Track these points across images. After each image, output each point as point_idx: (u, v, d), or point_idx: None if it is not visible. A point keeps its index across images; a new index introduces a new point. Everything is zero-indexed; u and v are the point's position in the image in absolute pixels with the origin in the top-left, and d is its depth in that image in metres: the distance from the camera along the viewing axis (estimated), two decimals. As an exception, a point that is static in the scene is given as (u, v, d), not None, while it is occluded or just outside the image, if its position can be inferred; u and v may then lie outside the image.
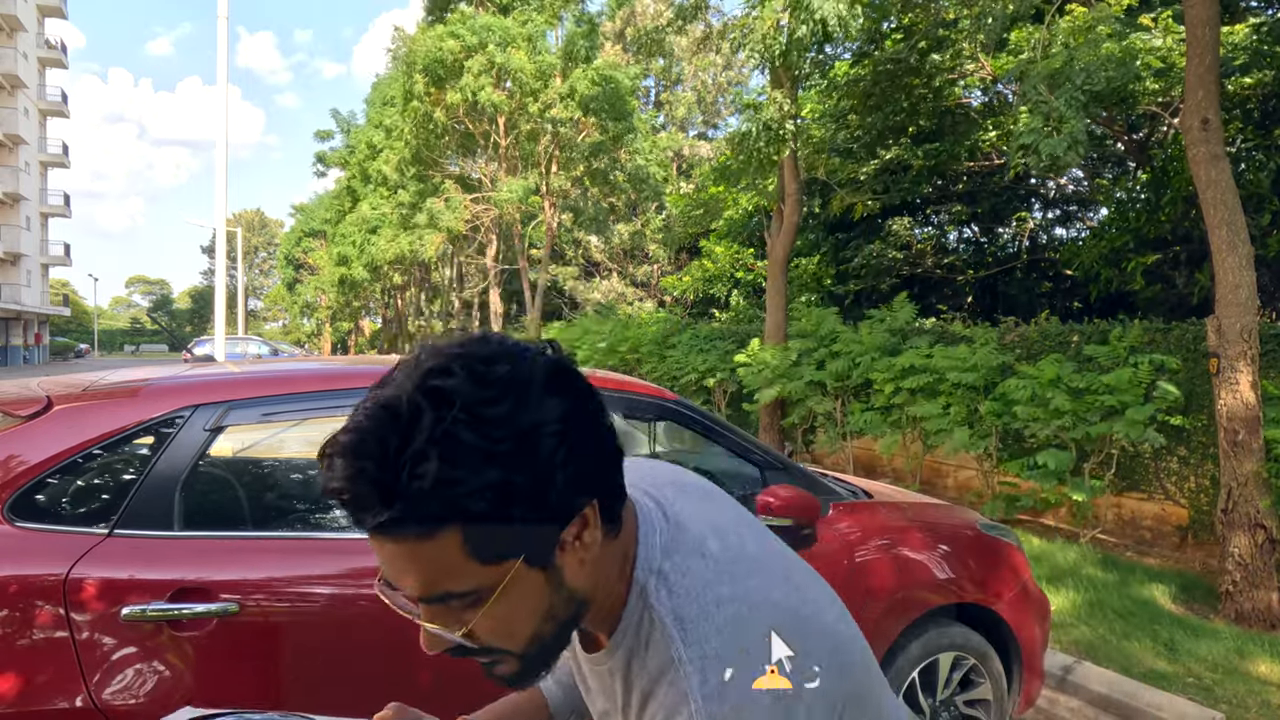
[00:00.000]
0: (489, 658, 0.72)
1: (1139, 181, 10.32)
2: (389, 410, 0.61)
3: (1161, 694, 3.41)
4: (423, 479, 0.59)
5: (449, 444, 0.60)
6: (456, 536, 0.62)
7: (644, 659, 0.74)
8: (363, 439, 0.61)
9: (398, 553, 0.63)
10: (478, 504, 0.61)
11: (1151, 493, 6.32)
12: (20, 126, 41.79)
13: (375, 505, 0.60)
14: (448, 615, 0.67)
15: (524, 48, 18.14)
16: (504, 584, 0.66)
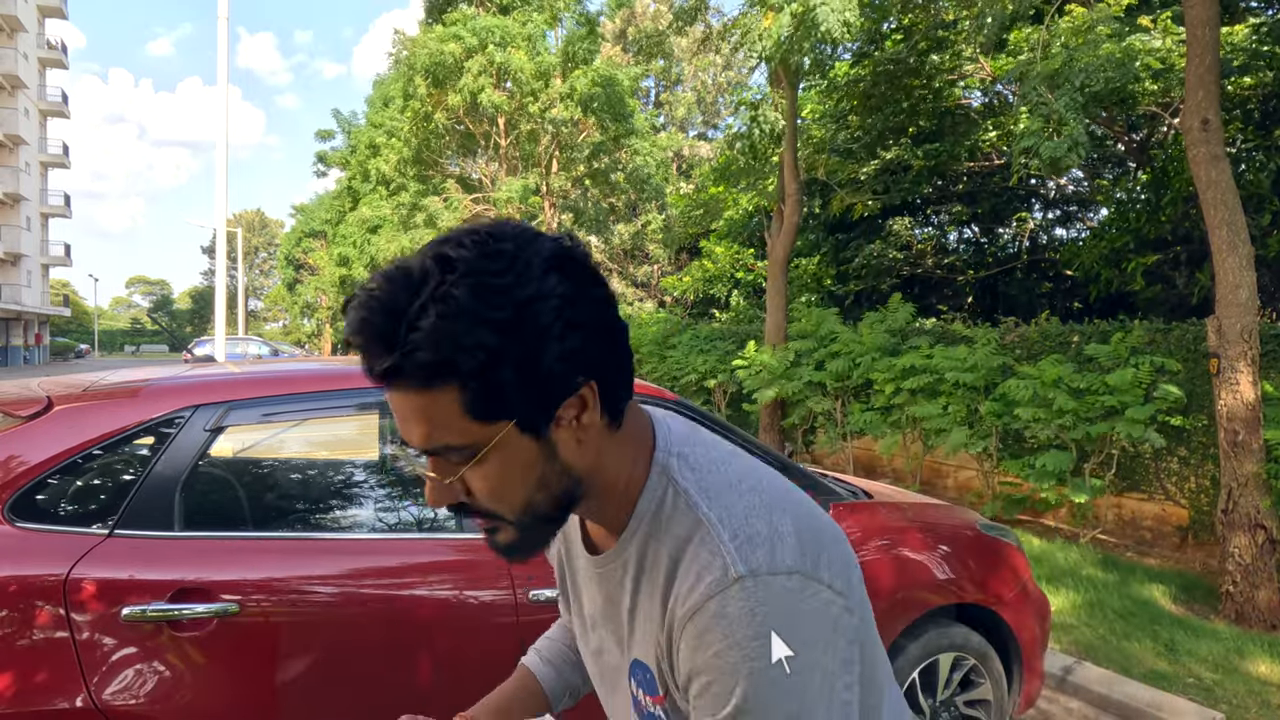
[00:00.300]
0: (488, 521, 0.75)
1: (1139, 182, 10.32)
2: (401, 271, 0.67)
3: (1161, 694, 3.41)
4: (419, 332, 0.64)
5: (447, 303, 0.64)
6: (453, 392, 0.66)
7: (667, 532, 0.75)
8: (374, 295, 0.66)
9: (402, 403, 0.68)
10: (471, 362, 0.65)
11: (1152, 493, 6.32)
12: (20, 127, 41.81)
13: (380, 353, 0.65)
14: (449, 470, 0.71)
15: (524, 48, 18.13)
16: (494, 443, 0.69)
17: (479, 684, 2.01)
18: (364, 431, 3.56)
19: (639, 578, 0.77)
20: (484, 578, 2.04)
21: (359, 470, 3.11)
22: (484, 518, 0.74)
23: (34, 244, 45.60)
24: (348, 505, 2.64)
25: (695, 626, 0.68)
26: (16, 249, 42.10)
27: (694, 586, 0.69)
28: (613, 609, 0.82)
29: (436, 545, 2.15)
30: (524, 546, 0.76)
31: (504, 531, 0.75)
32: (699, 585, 0.69)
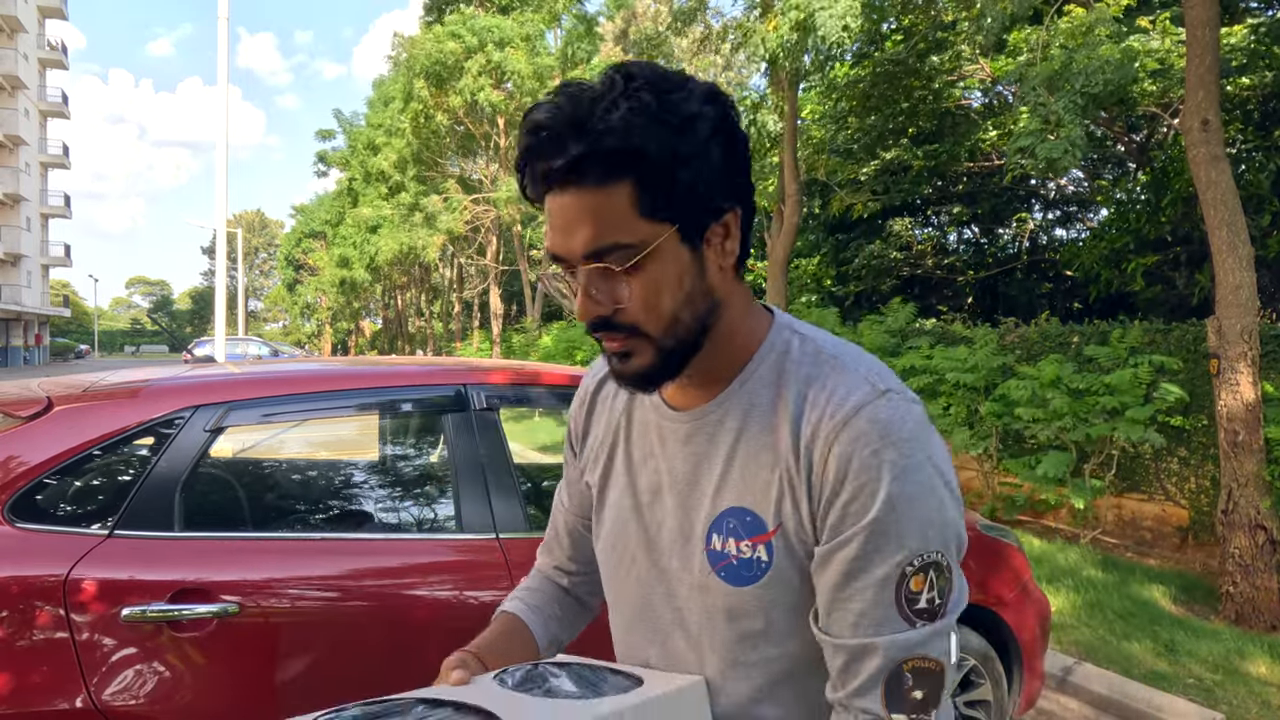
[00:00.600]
0: (627, 341, 0.76)
1: (1139, 183, 10.32)
2: (585, 84, 0.74)
3: (1162, 695, 3.41)
4: (609, 119, 0.69)
5: (634, 101, 0.70)
6: (627, 188, 0.71)
7: (793, 373, 0.80)
8: (566, 95, 0.72)
9: (572, 204, 0.72)
10: (651, 156, 0.71)
11: (1152, 493, 6.32)
12: (20, 127, 41.82)
13: (568, 141, 0.70)
14: (606, 280, 0.74)
15: (522, 48, 18.13)
16: (657, 244, 0.73)
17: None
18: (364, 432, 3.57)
19: (747, 420, 0.80)
20: (484, 578, 2.04)
21: (359, 471, 3.11)
22: (627, 335, 0.76)
23: (34, 244, 45.60)
24: (348, 506, 2.64)
25: (850, 431, 0.73)
26: (16, 249, 42.10)
27: (841, 402, 0.75)
28: (696, 465, 0.83)
29: (436, 546, 2.15)
30: (657, 373, 0.78)
31: (641, 355, 0.77)
32: (848, 400, 0.75)
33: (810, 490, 0.75)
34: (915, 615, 0.73)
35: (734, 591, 0.80)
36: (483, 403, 2.28)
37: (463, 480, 2.17)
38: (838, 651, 0.75)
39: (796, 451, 0.76)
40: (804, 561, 0.77)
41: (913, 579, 0.72)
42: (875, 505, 0.72)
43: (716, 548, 0.81)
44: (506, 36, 18.03)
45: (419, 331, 36.09)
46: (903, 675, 0.72)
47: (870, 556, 0.72)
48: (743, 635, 0.81)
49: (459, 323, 29.99)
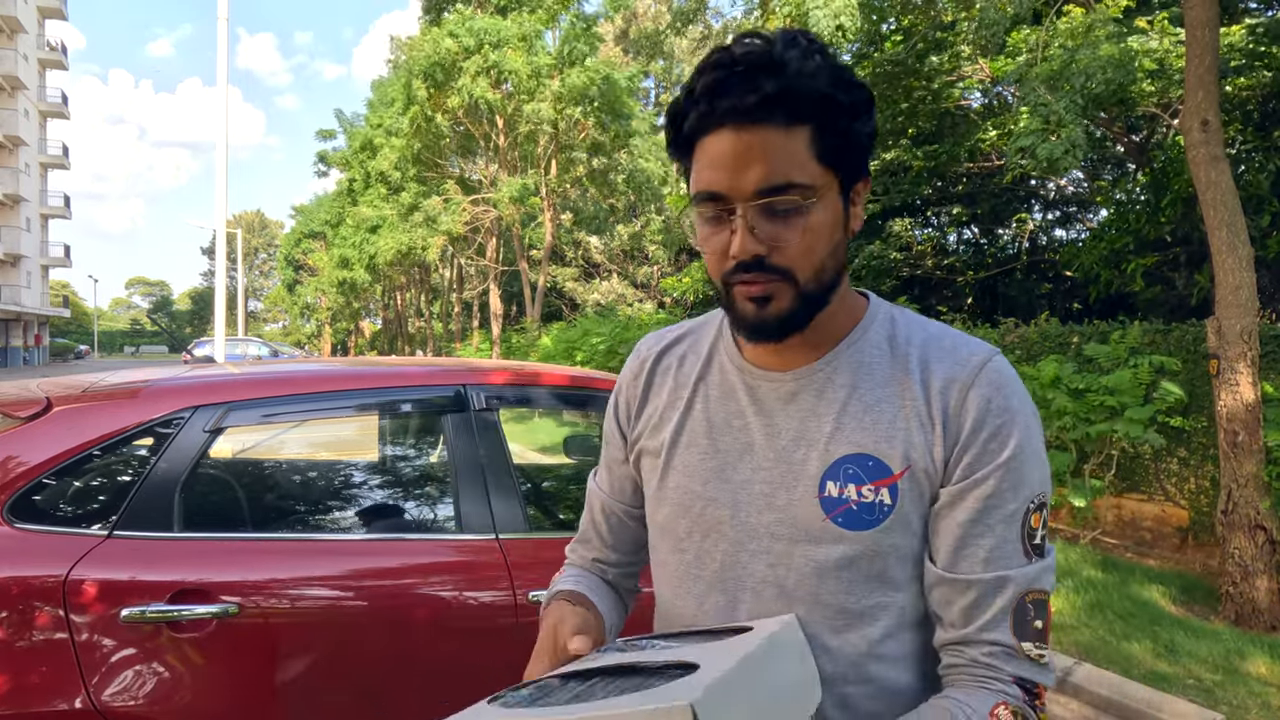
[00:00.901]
0: (771, 284, 0.79)
1: (1139, 183, 10.32)
2: (770, 33, 0.78)
3: (1162, 695, 3.41)
4: (805, 64, 0.74)
5: (823, 56, 0.76)
6: (807, 132, 0.75)
7: (903, 337, 0.86)
8: (757, 39, 0.76)
9: (754, 142, 0.75)
10: (837, 103, 0.76)
11: (1152, 494, 6.32)
12: (20, 128, 41.82)
13: (762, 79, 0.74)
14: (770, 219, 0.77)
15: (519, 47, 18.13)
16: (823, 189, 0.78)
17: (479, 685, 2.02)
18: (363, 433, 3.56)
19: (861, 376, 0.85)
20: (483, 579, 2.04)
21: (358, 471, 3.11)
22: (774, 278, 0.78)
23: (34, 245, 45.59)
24: (347, 506, 2.64)
25: (985, 378, 0.81)
26: (16, 250, 42.09)
27: (969, 356, 0.83)
28: (803, 420, 0.85)
29: (436, 546, 2.15)
30: (793, 319, 0.81)
31: (780, 300, 0.79)
32: (974, 354, 0.83)
33: (946, 431, 0.81)
34: (1033, 550, 0.80)
35: (853, 536, 0.81)
36: (482, 403, 2.28)
37: (462, 481, 2.16)
38: (967, 588, 0.79)
39: (928, 399, 0.82)
40: (925, 505, 0.82)
41: (1032, 516, 0.80)
42: (1010, 445, 0.79)
43: (833, 494, 0.82)
44: (504, 37, 18.04)
45: (419, 332, 36.09)
46: (1025, 607, 0.78)
47: (1004, 494, 0.79)
48: (854, 583, 0.82)
49: (459, 323, 29.99)
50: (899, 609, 0.83)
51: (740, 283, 0.79)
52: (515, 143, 20.54)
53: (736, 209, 0.76)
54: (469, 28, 17.99)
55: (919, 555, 0.83)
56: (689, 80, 0.79)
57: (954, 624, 0.81)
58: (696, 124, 0.77)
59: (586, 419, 3.88)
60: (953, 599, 0.80)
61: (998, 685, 0.78)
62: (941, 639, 0.82)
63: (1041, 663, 0.79)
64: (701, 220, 0.81)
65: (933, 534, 0.82)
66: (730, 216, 0.77)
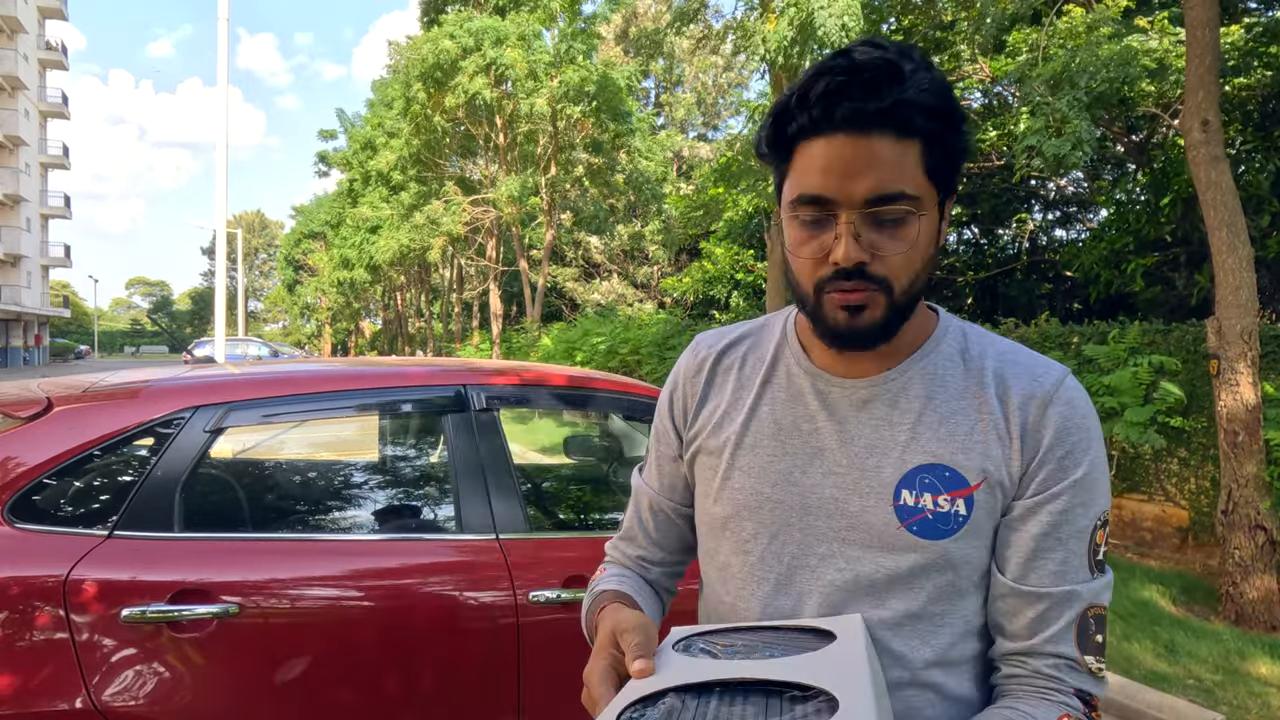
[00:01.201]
0: (868, 294, 0.79)
1: (1139, 183, 10.32)
2: (886, 41, 0.78)
3: (1162, 695, 3.41)
4: (923, 78, 0.74)
5: (934, 71, 0.76)
6: (917, 146, 0.76)
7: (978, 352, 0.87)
8: (875, 47, 0.76)
9: (868, 150, 0.75)
10: (949, 118, 0.76)
11: (1152, 494, 6.32)
12: (20, 128, 41.82)
13: (885, 87, 0.74)
14: (875, 228, 0.77)
15: (518, 45, 18.12)
16: (927, 203, 0.78)
17: (479, 685, 2.02)
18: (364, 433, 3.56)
19: (935, 388, 0.85)
20: (484, 579, 2.04)
21: (359, 472, 3.11)
22: (873, 286, 0.79)
23: (34, 245, 45.60)
24: (348, 506, 2.64)
25: (1063, 397, 0.82)
26: (16, 250, 42.09)
27: (1045, 374, 0.84)
28: (876, 428, 0.86)
29: (436, 546, 2.15)
30: (884, 329, 0.81)
31: (874, 309, 0.80)
32: (1050, 373, 0.84)
33: (1024, 446, 0.82)
34: (1096, 566, 0.82)
35: (927, 545, 0.82)
36: (482, 403, 2.28)
37: (463, 481, 2.16)
38: (1036, 600, 0.81)
39: (1006, 413, 0.83)
40: (997, 517, 0.83)
41: (1098, 532, 0.82)
42: (1084, 463, 0.81)
43: (908, 503, 0.83)
44: (503, 36, 18.04)
45: (419, 332, 36.08)
46: (1088, 621, 0.81)
47: (1075, 510, 0.81)
48: (924, 591, 0.83)
49: (459, 323, 29.99)
50: (964, 618, 0.84)
51: (836, 290, 0.79)
52: (515, 142, 20.53)
53: (841, 215, 0.77)
54: (468, 28, 18.00)
55: (987, 566, 0.84)
56: (800, 82, 0.78)
57: (1018, 635, 0.82)
58: (807, 126, 0.77)
59: (586, 419, 3.88)
60: (1020, 610, 0.82)
61: (1059, 697, 0.80)
62: (1004, 649, 0.83)
63: (1099, 675, 0.81)
64: (798, 224, 0.80)
65: (1003, 545, 0.83)
66: (833, 222, 0.77)
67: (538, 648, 2.03)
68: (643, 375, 12.77)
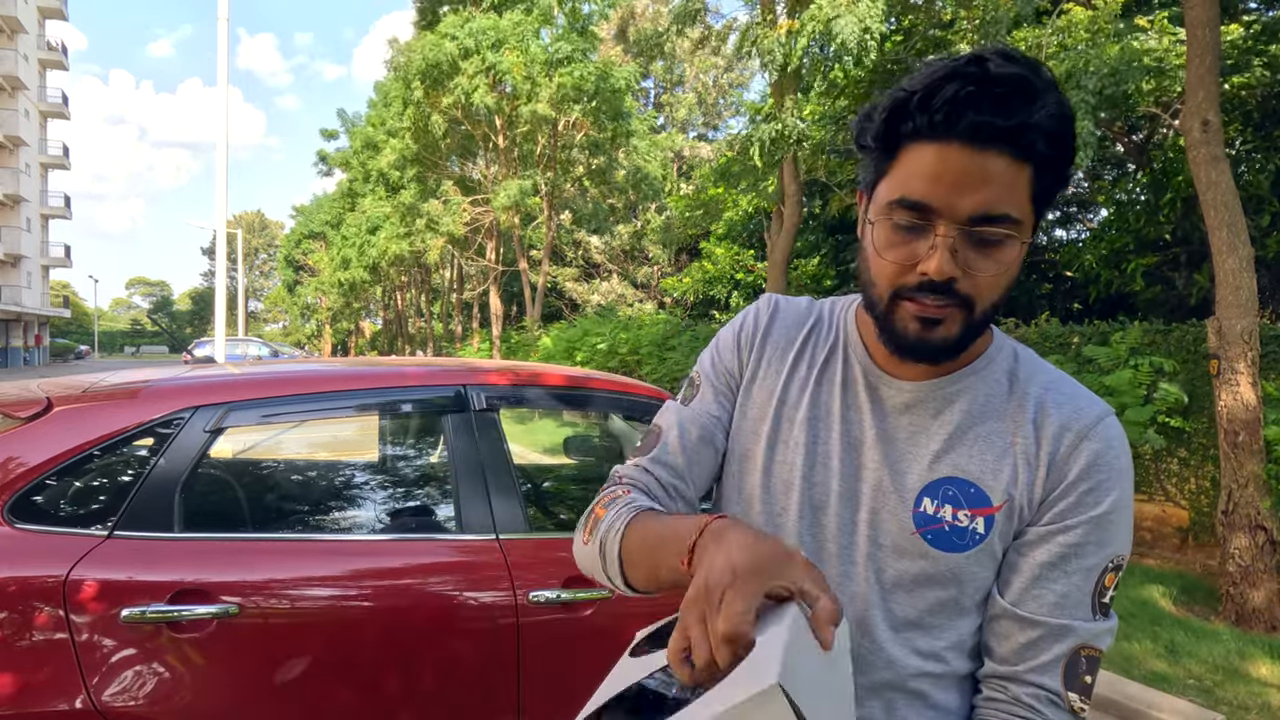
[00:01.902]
0: (948, 309, 0.77)
1: (1139, 183, 10.32)
2: (1019, 54, 0.75)
3: (1162, 695, 3.41)
4: (1053, 103, 0.72)
5: (1064, 99, 0.74)
6: (1028, 171, 0.74)
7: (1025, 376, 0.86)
8: (1014, 60, 0.73)
9: (985, 166, 0.73)
10: (1065, 149, 0.74)
11: (1152, 494, 6.32)
12: (21, 128, 41.82)
13: (1017, 106, 0.71)
14: (972, 246, 0.76)
15: (517, 47, 18.10)
16: (1027, 225, 0.76)
17: (479, 685, 2.02)
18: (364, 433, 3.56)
19: (978, 404, 0.85)
20: (484, 579, 2.04)
21: (359, 472, 3.11)
22: (955, 303, 0.77)
23: (34, 245, 45.60)
24: (348, 506, 2.64)
25: (1100, 433, 0.81)
26: (16, 250, 42.09)
27: (1087, 409, 0.83)
28: (914, 432, 0.86)
29: (436, 546, 2.14)
30: (955, 346, 0.80)
31: (950, 326, 0.78)
32: (1092, 408, 0.83)
33: (1050, 474, 0.81)
34: (1100, 608, 0.80)
35: (938, 556, 0.82)
36: (483, 403, 2.27)
37: (463, 481, 2.16)
38: (1030, 627, 0.80)
39: (1039, 440, 0.82)
40: (1010, 540, 0.83)
41: (1108, 575, 0.81)
42: (1106, 502, 0.80)
43: (928, 511, 0.83)
44: (502, 38, 18.02)
45: (419, 332, 36.09)
46: (1079, 659, 0.79)
47: (1087, 546, 0.80)
48: (927, 600, 0.83)
49: (459, 324, 30.00)
50: (961, 636, 0.84)
51: (915, 300, 0.77)
52: (514, 142, 20.53)
53: (940, 226, 0.75)
54: (468, 30, 17.98)
55: (988, 588, 0.84)
56: (925, 81, 0.74)
57: (1006, 659, 0.82)
58: (924, 129, 0.74)
59: (586, 419, 3.88)
60: (1012, 634, 0.81)
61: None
62: (989, 670, 0.83)
63: (1081, 716, 0.80)
64: (891, 226, 0.78)
65: (1007, 567, 0.83)
66: (929, 232, 0.75)
67: (538, 648, 2.03)
68: (643, 375, 12.77)
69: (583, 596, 2.06)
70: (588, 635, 2.06)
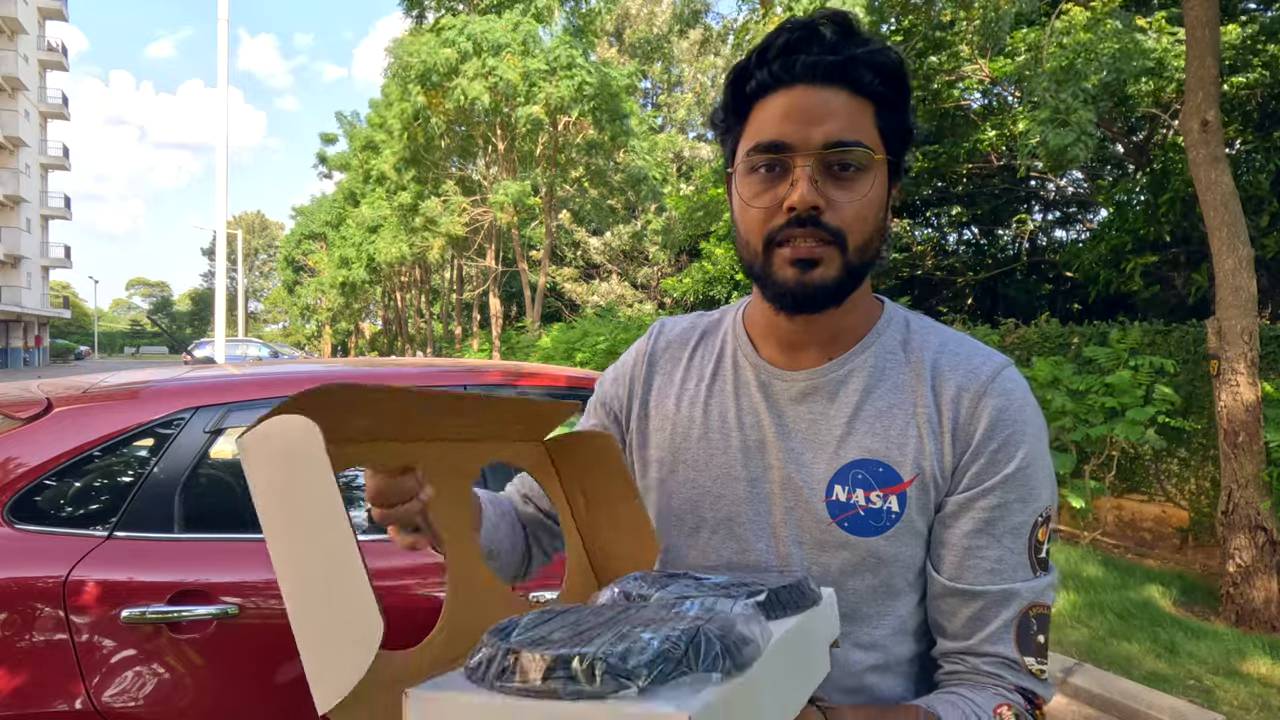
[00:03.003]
0: (822, 247, 0.78)
1: (1138, 183, 10.33)
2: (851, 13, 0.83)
3: (1162, 696, 3.41)
4: (875, 45, 0.77)
5: (889, 47, 0.79)
6: (871, 107, 0.78)
7: (919, 344, 0.85)
8: (837, 13, 0.79)
9: (827, 100, 0.77)
10: (901, 86, 0.79)
11: (1152, 494, 6.32)
12: (21, 129, 41.83)
13: (843, 43, 0.77)
14: (829, 176, 0.78)
15: (516, 51, 18.08)
16: (880, 162, 0.79)
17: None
18: (364, 433, 3.53)
19: (874, 381, 0.84)
20: (484, 579, 2.04)
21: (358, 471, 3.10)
22: (827, 237, 0.78)
23: (34, 246, 45.60)
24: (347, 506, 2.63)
25: (998, 388, 0.80)
26: (16, 251, 42.10)
27: (982, 365, 0.82)
28: (813, 421, 0.84)
29: (436, 547, 2.14)
30: (834, 289, 0.80)
31: (827, 266, 0.79)
32: (987, 363, 0.82)
33: (955, 440, 0.80)
34: (1038, 564, 0.79)
35: (857, 542, 0.80)
36: (482, 404, 2.27)
37: (462, 481, 2.16)
38: (972, 599, 0.78)
39: (939, 406, 0.81)
40: (931, 514, 0.81)
41: (1039, 530, 0.79)
42: (1018, 457, 0.78)
43: (840, 499, 0.81)
44: (502, 42, 17.99)
45: (419, 333, 36.10)
46: (1029, 621, 0.78)
47: (1011, 505, 0.78)
48: (857, 590, 0.81)
49: (459, 324, 30.00)
50: (899, 618, 0.82)
51: (788, 240, 0.78)
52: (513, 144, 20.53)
53: (798, 160, 0.76)
54: (467, 33, 17.95)
55: (922, 565, 0.82)
56: (759, 44, 0.80)
57: (957, 634, 0.80)
58: (768, 79, 0.78)
59: (586, 420, 3.88)
60: (958, 610, 0.79)
61: (1001, 689, 0.77)
62: (943, 649, 0.81)
63: (1042, 677, 0.78)
64: (753, 175, 0.79)
65: (937, 543, 0.81)
66: (789, 170, 0.77)
67: (537, 648, 2.03)
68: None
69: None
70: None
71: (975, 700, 0.76)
